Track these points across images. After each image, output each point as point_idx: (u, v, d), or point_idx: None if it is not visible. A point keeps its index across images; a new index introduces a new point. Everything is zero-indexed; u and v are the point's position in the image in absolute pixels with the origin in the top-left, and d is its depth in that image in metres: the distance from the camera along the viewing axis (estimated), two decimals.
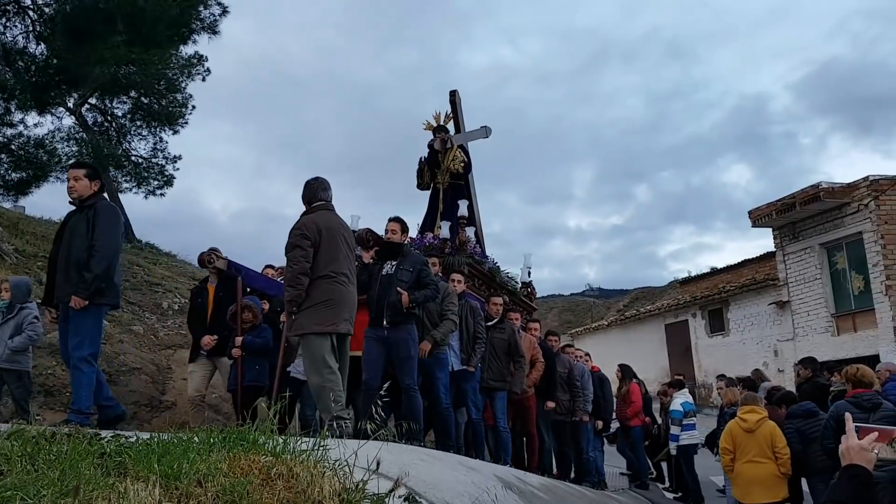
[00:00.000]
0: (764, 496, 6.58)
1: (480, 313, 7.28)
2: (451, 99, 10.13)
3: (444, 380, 6.48)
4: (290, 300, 5.07)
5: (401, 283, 6.04)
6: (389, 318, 5.96)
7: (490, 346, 7.33)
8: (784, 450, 6.61)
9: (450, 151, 9.63)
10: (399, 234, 6.38)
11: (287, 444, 2.63)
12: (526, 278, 10.43)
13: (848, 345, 17.38)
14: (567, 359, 9.11)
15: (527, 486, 4.66)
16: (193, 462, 2.31)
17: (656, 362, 23.71)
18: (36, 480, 2.02)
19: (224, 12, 12.86)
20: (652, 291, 44.87)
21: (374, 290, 6.13)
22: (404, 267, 6.18)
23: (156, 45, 12.15)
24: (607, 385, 10.03)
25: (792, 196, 18.29)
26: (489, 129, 10.04)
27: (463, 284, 7.37)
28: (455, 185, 9.55)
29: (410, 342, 6.01)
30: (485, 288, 8.86)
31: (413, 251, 6.67)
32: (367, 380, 5.97)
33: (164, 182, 18.34)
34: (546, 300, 59.81)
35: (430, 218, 9.40)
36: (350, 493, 2.32)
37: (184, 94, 17.91)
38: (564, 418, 8.69)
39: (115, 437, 2.66)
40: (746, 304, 21.11)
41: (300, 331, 5.08)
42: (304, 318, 5.05)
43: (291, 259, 5.11)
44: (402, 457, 3.31)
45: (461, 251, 8.55)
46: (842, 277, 18.06)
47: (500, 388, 7.41)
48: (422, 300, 6.11)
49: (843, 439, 2.17)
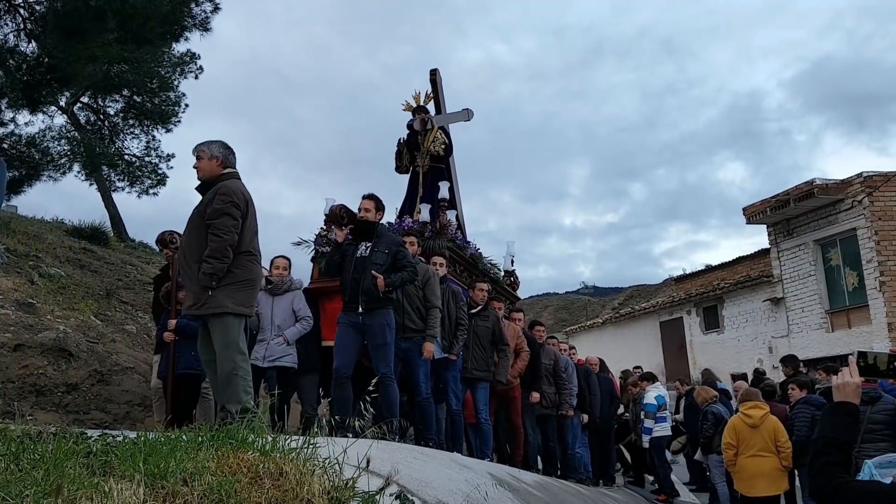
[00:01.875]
0: (767, 489, 6.80)
1: (463, 299, 6.99)
2: (431, 78, 9.71)
3: (425, 369, 6.19)
4: (211, 273, 4.55)
5: (375, 265, 5.73)
6: (365, 304, 5.67)
7: (473, 334, 7.03)
8: (786, 444, 6.86)
9: (430, 133, 9.15)
10: (373, 213, 6.01)
11: (276, 442, 2.60)
12: (509, 267, 10.10)
13: (842, 341, 17.39)
14: (552, 350, 8.89)
15: (521, 483, 4.64)
16: (181, 461, 2.27)
17: (651, 360, 23.70)
18: (19, 480, 1.99)
19: (216, 9, 12.74)
20: (647, 289, 44.95)
21: (347, 273, 5.83)
22: (379, 248, 5.85)
23: (148, 42, 12.05)
24: (593, 378, 9.86)
25: (786, 193, 18.32)
26: (471, 111, 9.68)
27: (445, 268, 7.06)
28: (435, 169, 9.09)
29: (387, 328, 5.73)
30: (466, 275, 8.52)
31: (389, 232, 6.36)
32: (337, 367, 5.70)
33: (158, 181, 18.26)
34: (541, 298, 59.99)
35: (410, 202, 8.99)
36: (340, 491, 2.29)
37: (176, 92, 17.86)
38: (550, 412, 8.45)
39: (101, 437, 2.62)
40: (741, 301, 21.12)
41: (219, 309, 4.58)
42: (224, 296, 4.59)
43: (221, 228, 4.63)
44: (393, 454, 3.28)
45: (442, 235, 8.13)
46: (836, 274, 18.08)
47: (483, 378, 7.10)
48: (398, 284, 5.80)
49: (841, 374, 2.25)
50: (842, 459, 2.16)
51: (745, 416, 7.01)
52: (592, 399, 9.60)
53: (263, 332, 6.47)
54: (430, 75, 9.72)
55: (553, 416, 8.53)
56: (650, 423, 10.18)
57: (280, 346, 6.38)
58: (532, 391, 8.05)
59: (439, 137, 9.18)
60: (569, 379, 8.78)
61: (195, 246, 4.71)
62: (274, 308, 6.56)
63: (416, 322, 6.24)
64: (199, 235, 4.70)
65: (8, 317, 7.60)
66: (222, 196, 4.69)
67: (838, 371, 2.34)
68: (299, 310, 6.60)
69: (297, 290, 6.79)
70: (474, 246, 9.04)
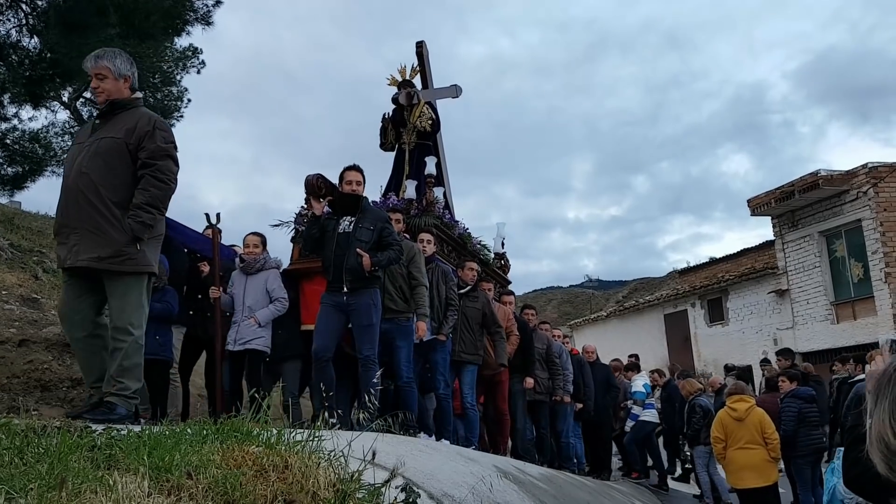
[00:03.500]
0: (756, 480, 6.92)
1: (453, 278, 6.68)
2: (417, 51, 9.27)
3: (407, 351, 5.86)
4: (150, 225, 3.91)
5: (360, 242, 5.39)
6: (350, 283, 5.33)
7: (462, 315, 6.72)
8: (773, 435, 6.99)
9: (416, 107, 8.73)
10: (362, 186, 5.69)
11: (281, 435, 2.59)
12: (500, 249, 9.82)
13: (847, 333, 17.36)
14: (545, 335, 8.65)
15: (526, 476, 4.63)
16: (185, 454, 2.26)
17: (656, 352, 23.69)
18: (23, 474, 1.98)
19: (217, 3, 12.74)
20: (651, 282, 44.86)
21: (329, 250, 5.48)
22: (364, 225, 5.49)
23: (150, 37, 12.04)
24: (587, 368, 9.66)
25: (791, 184, 18.25)
26: (459, 87, 9.32)
27: (433, 245, 6.73)
28: (422, 146, 8.70)
29: (373, 308, 5.39)
30: (455, 255, 8.24)
31: (373, 207, 5.98)
32: (317, 350, 5.34)
33: None
34: (545, 292, 59.94)
35: (395, 181, 8.64)
36: (345, 484, 2.28)
37: (179, 87, 17.82)
38: (543, 398, 8.19)
39: (106, 430, 2.61)
40: (746, 294, 21.08)
41: (145, 268, 3.95)
42: (151, 253, 3.99)
43: (166, 173, 3.96)
44: (398, 447, 3.28)
45: (429, 212, 7.81)
46: (841, 265, 18.03)
47: (472, 361, 6.77)
48: (385, 263, 5.46)
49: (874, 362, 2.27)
50: None
51: (731, 409, 7.13)
52: (587, 390, 9.42)
53: (235, 313, 6.18)
54: (416, 48, 9.30)
55: (546, 403, 8.29)
56: (638, 410, 10.29)
57: (251, 328, 6.03)
58: (526, 376, 7.74)
59: (426, 112, 8.79)
60: (563, 365, 8.60)
61: (109, 179, 3.90)
62: (247, 288, 6.22)
63: (397, 302, 5.92)
64: (114, 169, 3.91)
65: (13, 312, 7.60)
66: (164, 133, 4.02)
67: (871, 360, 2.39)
68: (273, 290, 6.20)
69: (273, 269, 6.39)
70: (463, 226, 8.77)
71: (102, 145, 3.93)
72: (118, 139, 3.92)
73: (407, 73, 8.98)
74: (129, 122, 3.97)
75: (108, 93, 4.04)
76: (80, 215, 3.86)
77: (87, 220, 3.84)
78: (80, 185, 3.86)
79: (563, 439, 8.66)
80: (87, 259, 3.83)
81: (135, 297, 3.90)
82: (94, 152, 3.91)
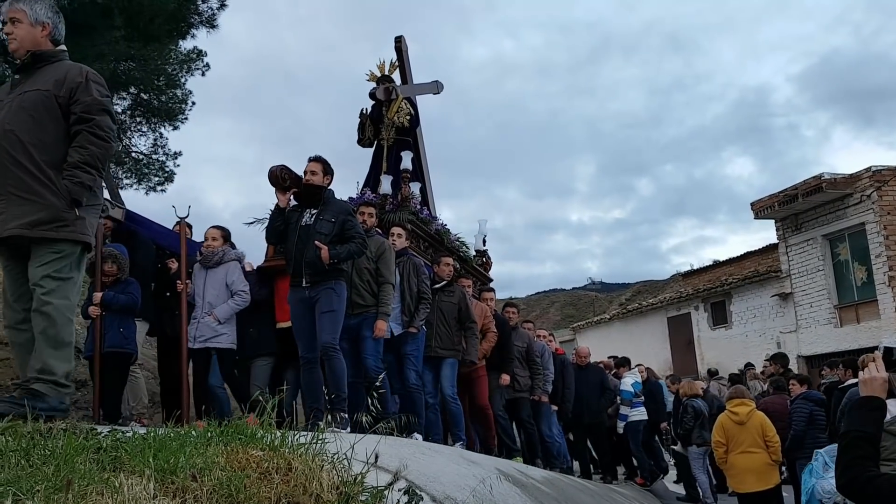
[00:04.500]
0: (757, 484, 6.85)
1: (425, 272, 6.54)
2: (396, 46, 9.07)
3: (375, 346, 5.71)
4: (89, 187, 3.44)
5: (320, 235, 5.23)
6: (309, 277, 5.19)
7: (438, 311, 6.58)
8: (774, 438, 6.94)
9: (394, 102, 8.52)
10: (320, 176, 5.44)
11: (285, 438, 2.61)
12: (480, 246, 9.54)
13: (851, 336, 17.34)
14: (526, 334, 8.48)
15: (529, 479, 4.64)
16: (190, 456, 2.28)
17: (659, 355, 23.67)
18: (30, 476, 2.00)
19: (222, 6, 12.86)
20: (654, 285, 44.88)
21: (291, 243, 5.32)
22: (325, 217, 5.34)
23: (154, 39, 12.14)
24: (569, 370, 9.37)
25: (794, 187, 18.25)
26: (440, 84, 9.15)
27: (404, 240, 6.59)
28: (401, 143, 8.50)
29: (334, 295, 5.20)
30: (431, 251, 8.00)
31: (337, 199, 5.73)
32: (302, 353, 5.25)
33: (165, 178, 18.42)
34: (548, 294, 59.98)
35: (373, 178, 8.41)
36: (348, 486, 2.30)
37: (183, 89, 17.93)
38: (523, 395, 8.04)
39: (111, 433, 2.63)
40: (749, 297, 21.06)
41: (83, 237, 3.47)
42: (89, 221, 3.52)
43: (105, 129, 3.49)
44: (401, 450, 3.29)
45: (404, 207, 7.61)
46: (844, 269, 18.01)
47: (449, 356, 6.63)
48: (345, 256, 5.26)
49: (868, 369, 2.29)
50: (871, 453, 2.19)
51: (732, 413, 7.06)
52: (566, 392, 9.14)
53: (195, 308, 5.92)
54: (394, 43, 9.11)
55: (527, 399, 8.14)
56: (626, 410, 10.10)
57: (211, 325, 5.81)
58: (502, 373, 7.52)
59: (404, 108, 8.63)
60: (544, 365, 8.42)
61: (38, 136, 3.41)
62: (206, 282, 5.97)
63: (365, 298, 5.79)
64: (44, 125, 3.43)
65: None
66: (98, 85, 3.54)
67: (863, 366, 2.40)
68: (233, 283, 5.94)
69: (233, 261, 6.11)
70: (441, 222, 8.59)
71: (27, 99, 3.44)
72: (46, 91, 3.45)
73: (386, 68, 8.76)
74: (58, 74, 3.51)
75: (21, 40, 3.56)
76: (6, 178, 3.35)
77: (14, 183, 3.34)
78: (4, 144, 3.36)
79: (548, 438, 8.44)
80: (17, 226, 3.32)
81: (66, 268, 3.39)
82: (19, 107, 3.42)
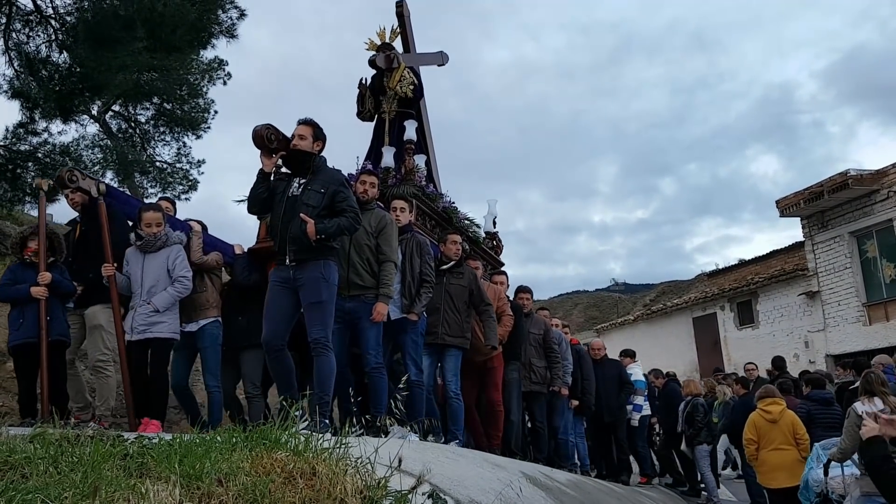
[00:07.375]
0: (788, 480, 6.94)
1: (430, 251, 5.88)
2: (398, 11, 8.44)
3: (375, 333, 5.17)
4: None
5: (307, 207, 4.64)
6: (294, 254, 4.61)
7: (445, 293, 5.94)
8: (804, 436, 7.09)
9: (396, 71, 7.90)
10: (309, 141, 4.82)
11: (309, 442, 2.62)
12: (491, 228, 8.92)
13: (880, 334, 17.07)
14: (542, 320, 7.79)
15: (554, 482, 4.61)
16: (215, 462, 2.30)
17: (684, 356, 23.46)
18: (58, 483, 2.02)
19: (242, 16, 12.95)
20: (679, 285, 44.42)
21: (276, 216, 4.76)
22: (313, 187, 4.72)
23: (176, 50, 12.27)
24: (586, 360, 8.69)
25: (820, 184, 18.01)
26: (446, 54, 8.72)
27: (408, 214, 5.94)
28: (403, 115, 7.90)
29: (322, 283, 4.61)
30: (438, 230, 7.39)
31: (329, 167, 4.99)
32: (266, 338, 4.63)
33: (189, 187, 18.58)
34: (571, 296, 59.63)
35: (375, 152, 7.82)
36: (372, 491, 2.30)
37: (205, 99, 18.15)
38: (541, 388, 7.39)
39: (137, 439, 2.66)
40: (776, 296, 20.81)
41: None
42: None
43: None
44: (425, 454, 3.29)
45: (408, 181, 7.08)
46: (872, 266, 17.74)
47: (457, 345, 5.98)
48: (334, 231, 4.64)
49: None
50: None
51: (764, 411, 7.24)
52: (586, 384, 8.44)
53: (133, 297, 5.35)
54: (396, 8, 8.49)
55: (543, 395, 7.48)
56: (640, 401, 9.58)
57: (150, 315, 5.21)
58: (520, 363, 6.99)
59: (407, 77, 8.03)
60: (562, 354, 7.78)
61: None
62: (144, 268, 5.35)
63: (364, 278, 5.18)
64: None
65: None
66: None
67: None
68: (174, 268, 5.34)
69: (176, 244, 5.49)
70: (448, 199, 7.98)
71: None
72: None
73: (386, 35, 8.13)
74: None
75: None
76: None
77: None
78: None
79: (561, 436, 7.90)
80: None
81: None
82: None
